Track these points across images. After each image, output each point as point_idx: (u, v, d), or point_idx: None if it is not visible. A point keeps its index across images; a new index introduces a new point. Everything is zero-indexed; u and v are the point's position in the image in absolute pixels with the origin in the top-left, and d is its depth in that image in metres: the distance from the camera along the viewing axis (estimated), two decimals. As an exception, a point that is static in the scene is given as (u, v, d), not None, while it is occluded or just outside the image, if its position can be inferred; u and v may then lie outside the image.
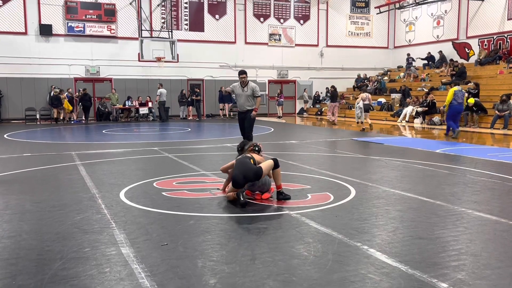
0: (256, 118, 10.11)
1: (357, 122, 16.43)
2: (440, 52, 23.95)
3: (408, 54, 26.00)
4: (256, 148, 5.99)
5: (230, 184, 5.60)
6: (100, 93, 22.47)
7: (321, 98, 26.12)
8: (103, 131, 16.12)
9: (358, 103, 16.14)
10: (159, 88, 21.52)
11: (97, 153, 10.09)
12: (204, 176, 7.32)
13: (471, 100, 16.88)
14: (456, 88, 13.05)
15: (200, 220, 4.77)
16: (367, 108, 15.85)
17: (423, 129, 16.72)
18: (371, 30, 27.88)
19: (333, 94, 19.84)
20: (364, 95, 16.36)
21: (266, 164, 5.53)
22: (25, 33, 21.13)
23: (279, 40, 25.92)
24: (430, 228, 4.49)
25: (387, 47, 28.22)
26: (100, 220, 4.79)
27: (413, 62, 25.66)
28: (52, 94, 20.28)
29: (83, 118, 21.11)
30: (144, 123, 20.51)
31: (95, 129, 17.40)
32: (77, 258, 3.68)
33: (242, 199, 5.28)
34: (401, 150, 10.56)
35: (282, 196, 5.57)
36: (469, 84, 17.59)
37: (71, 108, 20.91)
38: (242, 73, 9.34)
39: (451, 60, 22.95)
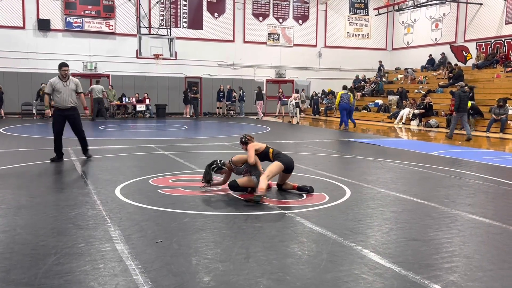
0: (253, 117, 10.00)
1: (291, 117, 20.54)
2: (443, 54, 24.01)
3: (380, 62, 26.55)
4: (243, 139, 6.24)
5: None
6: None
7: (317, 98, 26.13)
8: (100, 127, 16.10)
9: (291, 101, 20.34)
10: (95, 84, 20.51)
11: (93, 149, 10.06)
12: (200, 174, 7.31)
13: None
14: (342, 91, 16.88)
15: (195, 218, 4.78)
16: (298, 105, 20.25)
17: (420, 131, 16.77)
18: (369, 32, 27.93)
19: (258, 94, 23.00)
20: (295, 95, 20.56)
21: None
22: (23, 28, 21.07)
23: (278, 39, 25.93)
24: (424, 230, 4.52)
25: (385, 49, 28.27)
26: (95, 216, 4.79)
27: (383, 68, 26.54)
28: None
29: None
30: (140, 120, 20.48)
31: (91, 125, 17.37)
32: (71, 254, 3.69)
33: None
34: (397, 152, 10.59)
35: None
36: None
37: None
38: (65, 65, 8.36)
39: (449, 63, 23.03)
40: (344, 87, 17.44)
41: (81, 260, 3.55)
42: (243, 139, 6.24)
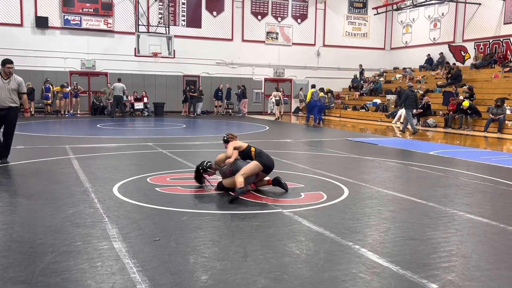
0: (251, 116, 9.97)
1: (270, 113, 21.86)
2: (441, 53, 24.03)
3: (360, 66, 26.58)
4: (225, 138, 6.23)
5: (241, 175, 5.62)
6: (95, 87, 22.38)
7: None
8: (98, 125, 16.07)
9: (271, 99, 21.82)
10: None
11: (91, 147, 10.06)
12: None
13: (466, 103, 16.98)
14: (312, 90, 18.16)
15: (193, 217, 4.77)
16: (278, 103, 21.38)
17: (418, 131, 16.75)
18: (368, 31, 27.92)
19: (243, 92, 23.67)
20: (275, 93, 21.69)
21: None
22: (20, 25, 20.99)
23: (276, 38, 25.91)
24: (421, 229, 4.52)
25: (383, 48, 28.27)
26: (93, 214, 4.78)
27: (363, 71, 26.69)
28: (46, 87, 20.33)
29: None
30: (138, 118, 20.46)
31: (89, 123, 17.34)
32: (68, 252, 3.68)
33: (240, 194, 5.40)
34: (395, 151, 10.60)
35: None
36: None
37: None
38: (10, 62, 7.73)
39: (447, 62, 23.06)
40: (313, 86, 18.71)
41: (79, 258, 3.54)
42: (225, 138, 6.22)
